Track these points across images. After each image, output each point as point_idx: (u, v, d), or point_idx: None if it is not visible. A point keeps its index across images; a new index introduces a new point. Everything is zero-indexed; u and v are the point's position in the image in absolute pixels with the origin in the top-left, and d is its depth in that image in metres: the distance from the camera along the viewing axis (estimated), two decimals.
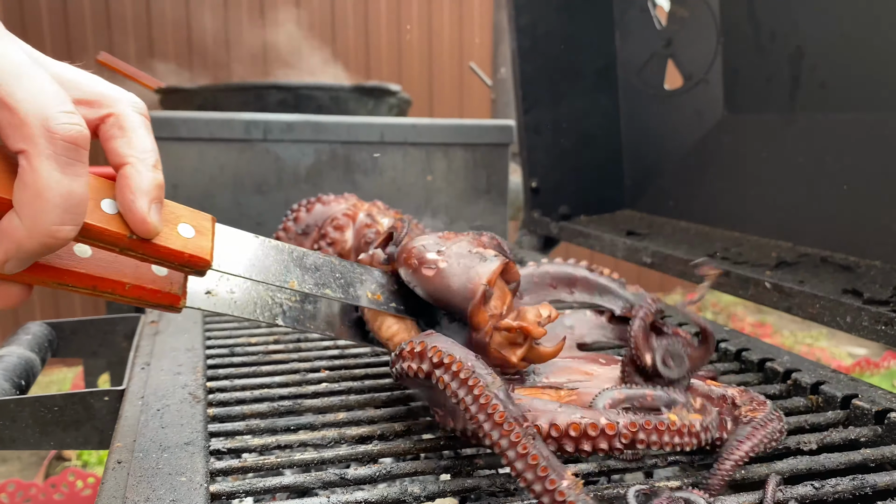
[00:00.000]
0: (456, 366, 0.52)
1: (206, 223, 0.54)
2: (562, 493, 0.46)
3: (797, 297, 0.90)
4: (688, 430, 0.52)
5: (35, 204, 0.43)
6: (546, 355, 0.65)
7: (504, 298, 0.66)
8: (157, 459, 0.54)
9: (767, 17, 1.25)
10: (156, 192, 0.49)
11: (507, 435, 0.48)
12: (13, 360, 0.77)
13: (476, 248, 0.66)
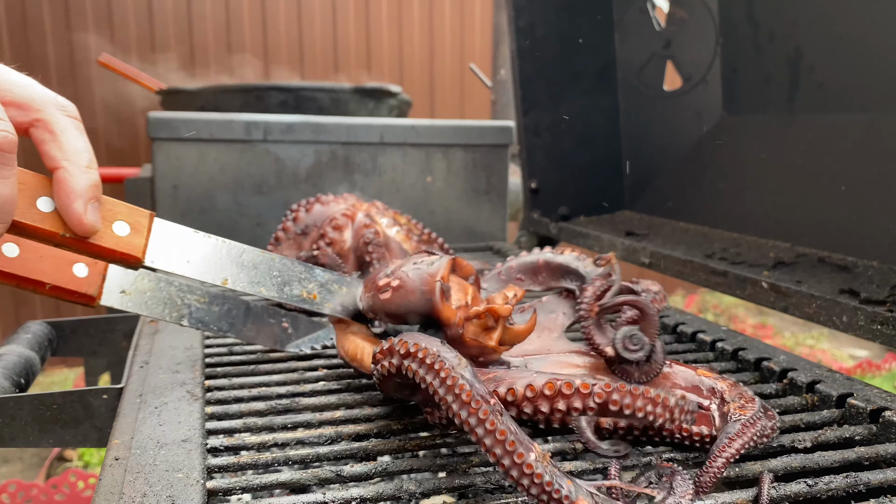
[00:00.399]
0: (422, 352, 0.54)
1: (143, 220, 0.56)
2: (529, 465, 0.46)
3: (794, 296, 0.90)
4: (662, 401, 0.52)
5: None
6: (521, 333, 0.66)
7: (465, 290, 0.68)
8: (154, 456, 0.55)
9: (766, 18, 1.25)
10: (91, 192, 0.51)
11: (474, 413, 0.49)
12: (13, 359, 0.78)
13: (420, 258, 0.69)
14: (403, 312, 0.65)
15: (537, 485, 0.46)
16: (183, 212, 1.40)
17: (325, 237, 1.00)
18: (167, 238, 0.58)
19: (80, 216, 0.50)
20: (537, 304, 0.79)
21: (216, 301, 0.71)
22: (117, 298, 0.62)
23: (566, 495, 0.46)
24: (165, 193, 1.39)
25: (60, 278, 0.57)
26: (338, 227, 1.00)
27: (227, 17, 3.88)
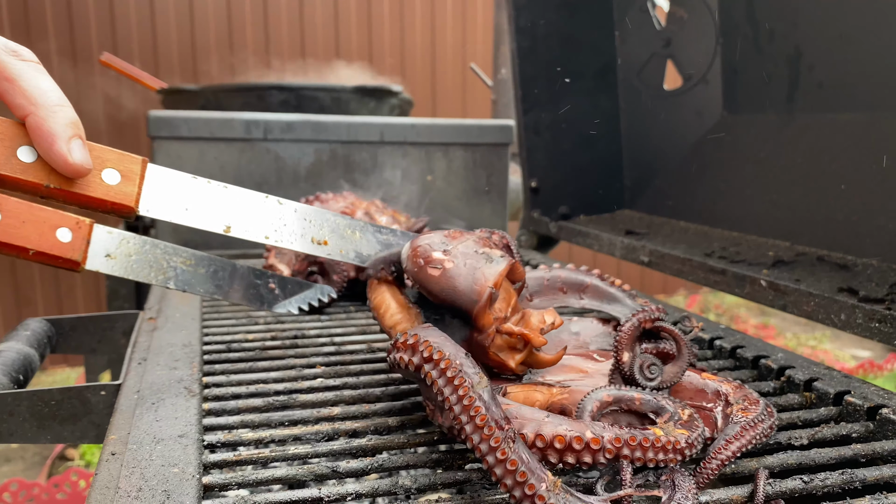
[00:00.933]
0: (444, 363, 0.52)
1: (135, 167, 0.53)
2: (541, 496, 0.46)
3: (792, 294, 0.90)
4: (672, 447, 0.52)
5: None
6: (545, 363, 0.66)
7: (509, 300, 0.66)
8: (150, 451, 0.55)
9: (766, 18, 1.25)
10: (71, 129, 0.48)
11: (486, 439, 0.48)
12: (11, 356, 0.78)
13: (482, 247, 0.66)
14: (443, 297, 0.63)
15: None
16: None
17: None
18: (162, 185, 0.55)
19: (64, 156, 0.48)
20: (566, 321, 0.78)
21: (202, 263, 0.68)
22: (102, 262, 0.59)
23: None
24: None
25: (44, 243, 0.54)
26: None
27: (229, 15, 3.89)
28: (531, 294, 0.80)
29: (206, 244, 1.41)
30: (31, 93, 0.48)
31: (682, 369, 0.62)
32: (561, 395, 0.62)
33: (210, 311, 0.99)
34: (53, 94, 0.49)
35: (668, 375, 0.62)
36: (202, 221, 0.58)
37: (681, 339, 0.63)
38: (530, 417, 0.54)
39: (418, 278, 0.65)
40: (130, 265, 0.61)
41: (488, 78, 2.67)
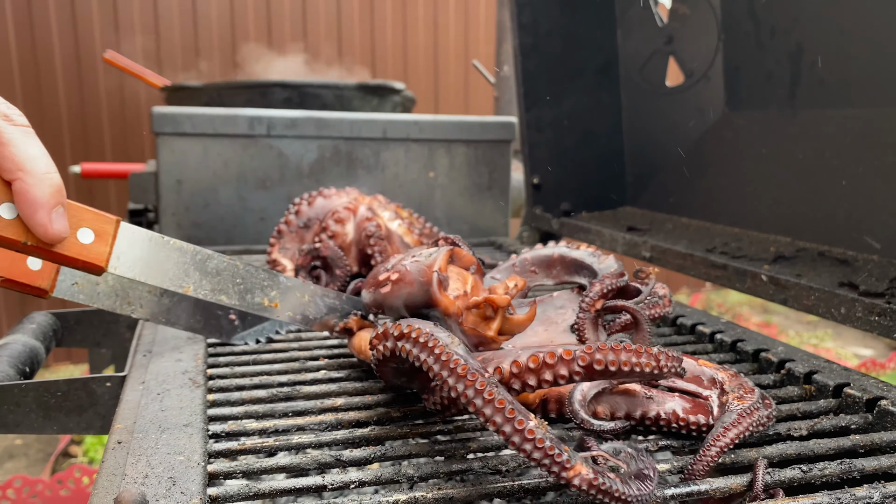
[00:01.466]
0: (415, 332, 0.54)
1: (109, 227, 0.56)
2: (531, 430, 0.47)
3: (793, 289, 0.91)
4: (645, 351, 0.52)
5: None
6: (521, 323, 0.67)
7: (464, 280, 0.68)
8: (156, 440, 0.55)
9: (767, 15, 1.26)
10: (54, 198, 0.50)
11: (471, 385, 0.49)
12: (17, 348, 0.79)
13: (419, 250, 0.69)
14: (404, 304, 0.66)
15: (540, 449, 0.47)
16: (187, 206, 1.41)
17: (328, 230, 1.01)
18: (132, 245, 0.58)
19: (45, 226, 0.50)
20: (548, 298, 0.79)
21: (166, 294, 0.72)
22: (69, 290, 0.63)
23: (567, 459, 0.47)
24: (169, 188, 1.39)
25: (14, 271, 0.57)
26: (340, 220, 1.01)
27: (232, 13, 3.89)
28: None
29: (210, 240, 1.42)
30: (20, 158, 0.50)
31: (645, 336, 0.64)
32: None
33: None
34: (41, 162, 0.51)
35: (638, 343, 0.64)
36: (165, 281, 0.61)
37: (632, 309, 0.64)
38: (504, 355, 0.57)
39: (379, 303, 0.69)
40: (97, 293, 0.65)
41: (491, 75, 2.67)
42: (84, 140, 3.55)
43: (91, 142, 3.56)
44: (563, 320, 0.75)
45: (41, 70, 3.32)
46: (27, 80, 3.30)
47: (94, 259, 0.54)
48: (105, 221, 0.56)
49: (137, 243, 0.58)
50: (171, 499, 0.47)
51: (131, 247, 0.58)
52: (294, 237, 1.03)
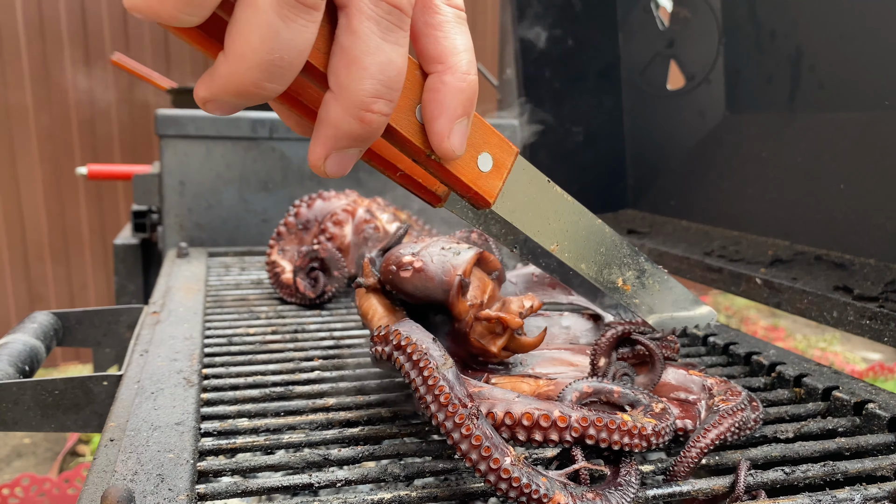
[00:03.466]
0: (410, 347, 0.54)
1: (509, 158, 0.48)
2: (506, 470, 0.47)
3: (786, 292, 0.91)
4: (638, 433, 0.53)
5: (350, 71, 0.38)
6: (527, 346, 0.67)
7: (484, 288, 0.68)
8: (147, 437, 0.56)
9: (767, 18, 1.26)
10: (462, 108, 0.42)
11: (451, 416, 0.49)
12: (18, 347, 0.80)
13: (450, 244, 0.69)
14: (419, 295, 0.65)
15: (515, 488, 0.47)
16: (190, 207, 1.42)
17: (326, 232, 1.01)
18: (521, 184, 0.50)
19: (442, 137, 0.42)
20: (556, 316, 0.79)
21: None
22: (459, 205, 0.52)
23: (544, 493, 0.47)
24: (172, 189, 1.41)
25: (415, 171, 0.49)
26: (338, 223, 1.02)
27: None
28: (520, 291, 0.82)
29: (212, 241, 1.43)
30: (446, 47, 0.42)
31: (653, 381, 0.64)
32: (547, 387, 0.64)
33: (213, 306, 1.01)
34: (465, 58, 0.43)
35: (642, 384, 0.64)
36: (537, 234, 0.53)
37: (654, 352, 0.64)
38: (501, 398, 0.56)
39: (394, 284, 0.68)
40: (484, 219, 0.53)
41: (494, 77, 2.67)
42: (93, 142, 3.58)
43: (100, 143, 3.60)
44: (565, 339, 0.76)
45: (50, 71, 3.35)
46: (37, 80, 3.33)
47: (484, 191, 0.47)
48: (506, 150, 0.48)
49: (526, 183, 0.50)
50: (158, 495, 0.48)
51: (519, 186, 0.50)
52: (293, 239, 1.04)
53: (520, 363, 0.70)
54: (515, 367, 0.69)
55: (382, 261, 0.71)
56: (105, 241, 3.94)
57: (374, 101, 0.39)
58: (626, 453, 0.53)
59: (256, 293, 1.09)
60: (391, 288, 0.69)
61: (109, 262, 3.94)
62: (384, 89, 0.39)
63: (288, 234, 1.05)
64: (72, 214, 3.87)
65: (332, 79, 0.39)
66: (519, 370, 0.69)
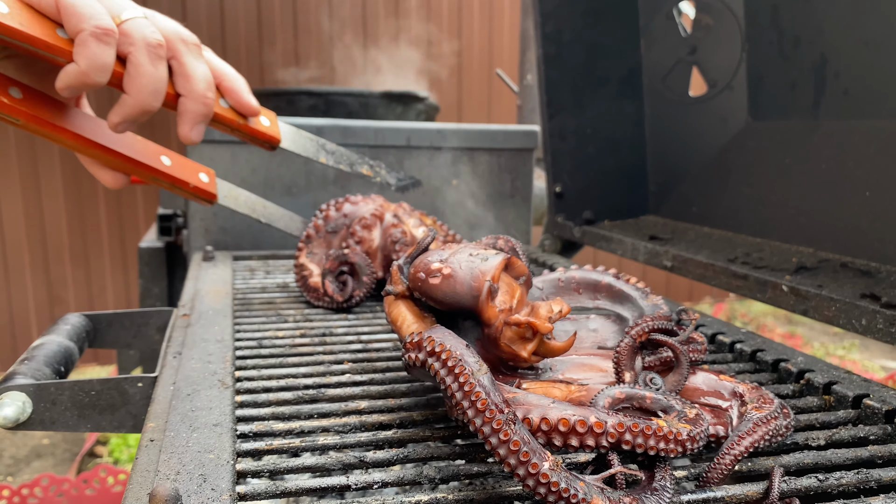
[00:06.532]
0: (445, 354, 0.55)
1: (273, 118, 0.86)
2: (545, 475, 0.48)
3: (813, 299, 0.91)
4: (674, 438, 0.53)
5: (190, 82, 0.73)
6: (557, 350, 0.67)
7: (512, 293, 0.68)
8: (187, 438, 0.57)
9: (791, 25, 1.26)
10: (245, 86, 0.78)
11: (489, 422, 0.50)
12: (53, 348, 0.81)
13: (477, 250, 0.69)
14: (448, 301, 0.66)
15: (554, 492, 0.48)
16: (214, 212, 1.44)
17: (355, 235, 1.02)
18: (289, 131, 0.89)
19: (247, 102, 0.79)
20: (583, 319, 0.80)
21: None
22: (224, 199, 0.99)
23: (582, 498, 0.48)
24: None
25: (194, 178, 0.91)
26: (367, 227, 1.03)
27: (259, 20, 3.94)
28: (547, 296, 0.82)
29: (236, 245, 1.45)
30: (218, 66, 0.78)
31: (682, 377, 0.64)
32: (579, 393, 0.64)
33: (241, 309, 1.02)
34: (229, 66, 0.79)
35: (670, 386, 0.64)
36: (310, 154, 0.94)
37: (677, 349, 0.64)
38: (536, 403, 0.56)
39: (422, 291, 0.69)
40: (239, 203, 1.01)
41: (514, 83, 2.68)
42: None
43: None
44: (592, 342, 0.76)
45: None
46: None
47: (273, 134, 0.84)
48: (270, 114, 0.86)
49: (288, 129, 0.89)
50: (202, 495, 0.49)
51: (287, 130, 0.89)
52: (322, 242, 1.05)
53: (549, 368, 0.70)
54: (545, 373, 0.70)
55: (411, 268, 0.72)
56: (124, 243, 3.98)
57: (205, 91, 0.73)
58: (661, 458, 0.54)
59: (283, 296, 1.11)
60: (420, 295, 0.70)
61: (128, 264, 3.98)
62: (207, 86, 0.73)
63: (317, 237, 1.06)
64: (91, 217, 3.91)
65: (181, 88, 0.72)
66: (549, 375, 0.69)
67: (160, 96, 0.70)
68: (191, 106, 0.73)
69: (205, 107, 0.73)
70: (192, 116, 0.73)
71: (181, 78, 0.71)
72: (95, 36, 0.65)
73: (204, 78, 0.73)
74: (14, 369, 0.74)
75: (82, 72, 0.66)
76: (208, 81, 0.73)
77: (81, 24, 0.64)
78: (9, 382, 0.70)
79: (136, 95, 0.69)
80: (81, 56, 0.65)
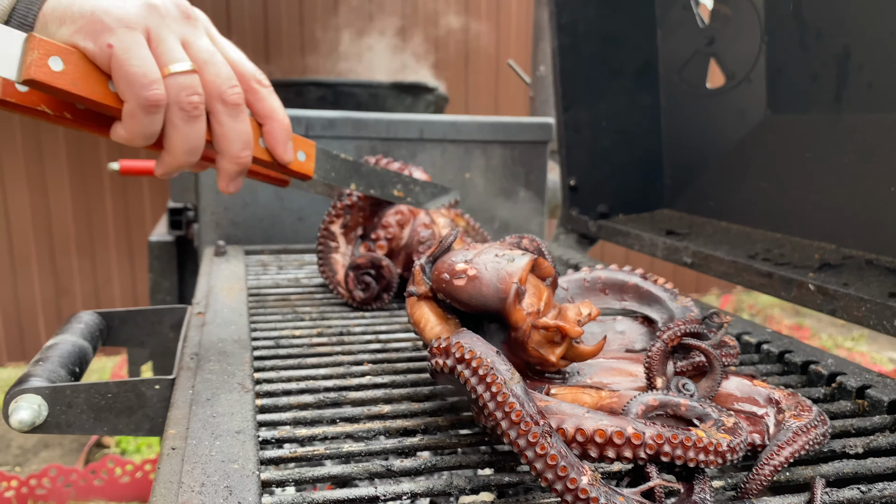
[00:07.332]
0: (476, 361, 0.53)
1: (312, 150, 0.83)
2: (584, 490, 0.46)
3: (842, 299, 0.89)
4: (714, 449, 0.51)
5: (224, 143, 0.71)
6: (586, 354, 0.66)
7: (539, 295, 0.66)
8: (209, 446, 0.56)
9: (813, 16, 1.23)
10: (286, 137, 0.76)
11: (524, 434, 0.48)
12: (67, 348, 0.80)
13: (503, 251, 0.67)
14: (474, 304, 0.64)
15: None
16: (226, 205, 1.42)
17: (388, 229, 1.01)
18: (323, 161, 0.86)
19: (282, 156, 0.77)
20: (610, 320, 0.78)
21: None
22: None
23: None
24: (209, 187, 1.41)
25: None
26: (401, 224, 1.01)
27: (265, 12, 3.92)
28: (572, 296, 0.80)
29: (248, 239, 1.43)
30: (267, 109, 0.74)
31: (716, 382, 0.62)
32: (610, 399, 0.62)
33: (256, 306, 1.01)
34: (281, 112, 0.75)
35: (703, 391, 0.62)
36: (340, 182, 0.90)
37: (710, 354, 0.62)
38: (570, 413, 0.54)
39: (447, 292, 0.67)
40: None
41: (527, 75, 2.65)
42: None
43: None
44: (620, 345, 0.74)
45: None
46: None
47: (307, 171, 0.82)
48: (310, 146, 0.83)
49: (324, 158, 0.86)
50: None
51: (321, 160, 0.86)
52: (359, 216, 1.03)
53: (577, 372, 0.69)
54: (573, 377, 0.68)
55: (434, 268, 0.70)
56: (130, 235, 3.97)
57: (241, 151, 0.72)
58: (700, 470, 0.52)
59: (297, 292, 1.09)
60: (444, 296, 0.68)
61: (134, 256, 3.97)
62: (244, 145, 0.71)
63: (358, 206, 1.03)
64: (97, 209, 3.90)
65: (218, 147, 0.71)
66: (576, 379, 0.68)
67: (196, 153, 0.70)
68: (225, 165, 0.72)
69: (238, 166, 0.72)
70: (227, 174, 0.73)
71: (218, 137, 0.70)
72: (144, 109, 0.64)
73: (240, 138, 0.71)
74: (29, 371, 0.72)
75: (128, 138, 0.67)
76: (244, 141, 0.71)
77: (131, 91, 0.63)
78: (24, 385, 0.69)
79: (172, 153, 0.69)
80: (128, 126, 0.66)
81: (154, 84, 0.63)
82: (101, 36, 0.62)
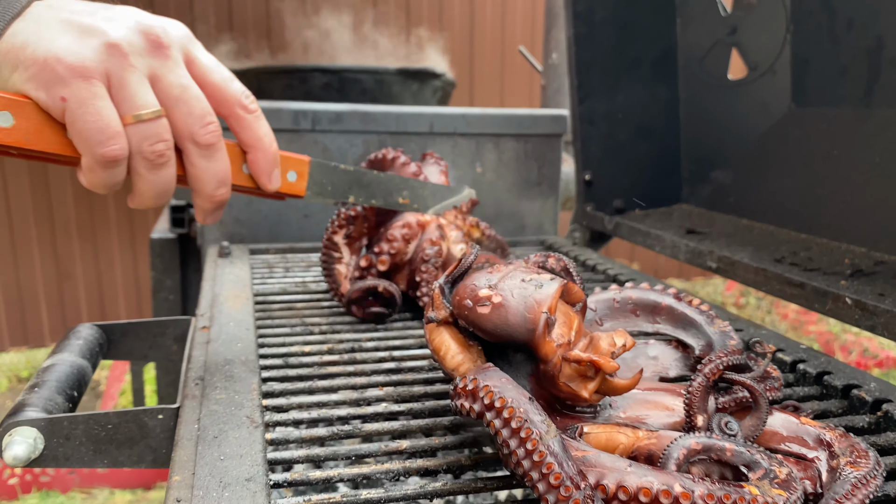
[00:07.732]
0: (507, 411, 0.49)
1: (305, 167, 0.78)
2: None
3: (882, 315, 0.84)
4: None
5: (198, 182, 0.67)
6: (620, 388, 0.61)
7: (570, 324, 0.62)
8: (218, 498, 0.52)
9: (843, 4, 1.18)
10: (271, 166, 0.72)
11: (564, 500, 0.44)
12: (65, 370, 0.75)
13: (530, 274, 0.62)
14: (499, 333, 0.60)
15: None
16: (230, 203, 1.37)
17: (392, 243, 0.95)
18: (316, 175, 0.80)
19: (265, 184, 0.72)
20: (642, 345, 0.73)
21: None
22: None
23: None
24: None
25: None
26: (407, 238, 0.96)
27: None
28: (601, 318, 0.76)
29: (252, 238, 1.38)
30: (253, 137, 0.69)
31: (761, 421, 0.58)
32: (648, 440, 0.58)
33: (263, 317, 0.96)
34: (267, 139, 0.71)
35: (747, 430, 0.58)
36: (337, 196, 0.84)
37: (756, 391, 0.57)
38: (611, 467, 0.50)
39: (469, 320, 0.62)
40: None
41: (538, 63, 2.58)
42: None
43: None
44: (654, 372, 0.70)
45: None
46: None
47: (298, 192, 0.78)
48: (302, 163, 0.78)
49: (319, 173, 0.80)
50: None
51: (316, 176, 0.80)
52: (363, 226, 0.98)
53: (609, 405, 0.64)
54: (605, 409, 0.64)
55: (454, 292, 0.65)
56: (131, 219, 3.92)
57: (216, 190, 0.67)
58: None
59: (304, 300, 1.04)
60: (467, 324, 0.63)
61: (136, 239, 3.93)
62: (219, 184, 0.67)
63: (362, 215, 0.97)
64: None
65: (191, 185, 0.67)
66: (608, 413, 0.63)
67: (166, 196, 0.66)
68: (200, 203, 0.69)
69: (213, 204, 0.69)
70: (202, 211, 0.70)
71: (191, 178, 0.66)
72: (101, 165, 0.60)
73: (214, 178, 0.66)
74: (23, 399, 0.68)
75: (90, 187, 0.64)
76: (219, 180, 0.67)
77: (87, 148, 0.59)
78: (18, 416, 0.65)
79: (140, 197, 0.66)
80: (88, 178, 0.62)
81: (111, 140, 0.59)
82: (54, 88, 0.56)
